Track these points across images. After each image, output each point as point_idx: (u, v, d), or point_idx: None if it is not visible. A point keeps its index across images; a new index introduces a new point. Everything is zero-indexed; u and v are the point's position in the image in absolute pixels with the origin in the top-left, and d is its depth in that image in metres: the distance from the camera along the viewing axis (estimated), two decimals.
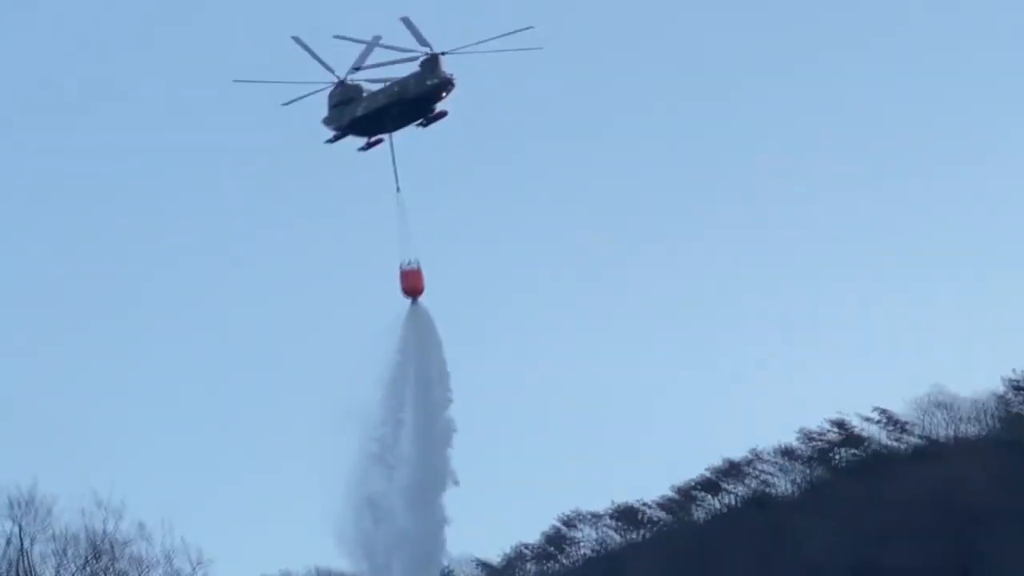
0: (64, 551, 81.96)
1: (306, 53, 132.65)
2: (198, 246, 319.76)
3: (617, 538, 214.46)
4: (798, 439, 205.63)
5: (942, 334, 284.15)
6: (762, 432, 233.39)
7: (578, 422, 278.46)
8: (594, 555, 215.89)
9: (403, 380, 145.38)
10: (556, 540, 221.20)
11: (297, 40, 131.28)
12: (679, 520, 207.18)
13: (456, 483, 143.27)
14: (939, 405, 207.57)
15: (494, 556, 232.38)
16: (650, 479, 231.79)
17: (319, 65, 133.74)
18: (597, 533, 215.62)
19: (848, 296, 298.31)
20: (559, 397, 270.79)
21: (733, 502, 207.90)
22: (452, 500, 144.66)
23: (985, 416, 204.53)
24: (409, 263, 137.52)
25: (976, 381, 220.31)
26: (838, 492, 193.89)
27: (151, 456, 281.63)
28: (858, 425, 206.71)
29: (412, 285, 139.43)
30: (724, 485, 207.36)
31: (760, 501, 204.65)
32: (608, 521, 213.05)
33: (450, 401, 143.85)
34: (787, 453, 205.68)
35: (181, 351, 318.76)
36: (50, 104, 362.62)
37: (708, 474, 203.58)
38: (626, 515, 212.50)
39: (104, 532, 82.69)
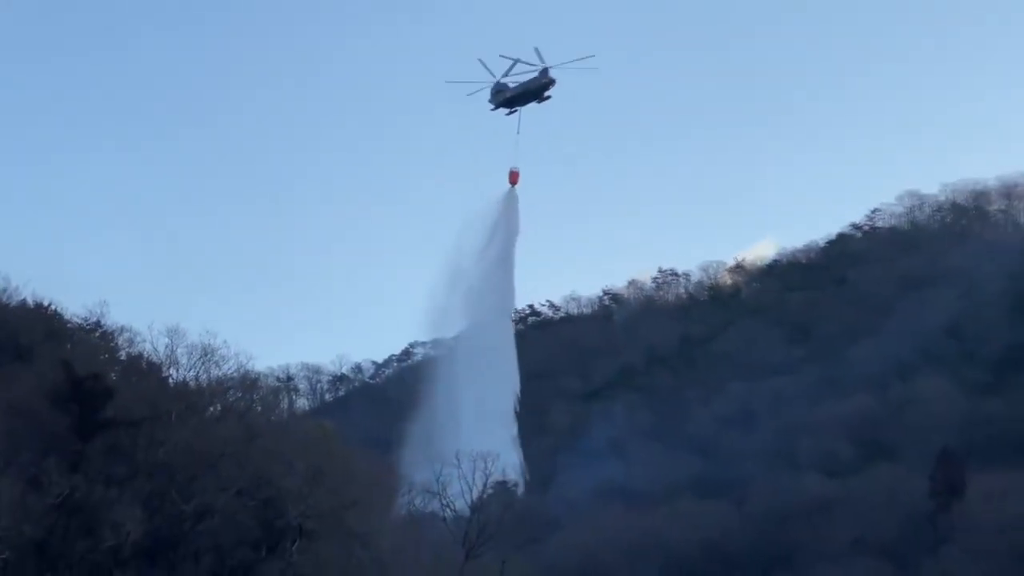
0: (190, 352, 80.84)
1: (481, 66, 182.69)
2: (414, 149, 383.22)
3: None
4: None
5: (581, 259, 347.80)
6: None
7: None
8: None
9: (503, 214, 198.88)
10: None
11: (481, 61, 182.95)
12: None
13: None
14: (573, 299, 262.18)
15: None
16: None
17: (488, 73, 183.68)
18: None
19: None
20: None
21: None
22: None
23: (596, 307, 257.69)
24: (514, 167, 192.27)
25: (591, 288, 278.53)
26: (528, 337, 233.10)
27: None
28: (539, 307, 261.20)
29: (513, 178, 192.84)
30: None
31: None
32: None
33: (519, 231, 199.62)
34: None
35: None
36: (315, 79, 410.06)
37: None
38: None
39: (207, 343, 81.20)
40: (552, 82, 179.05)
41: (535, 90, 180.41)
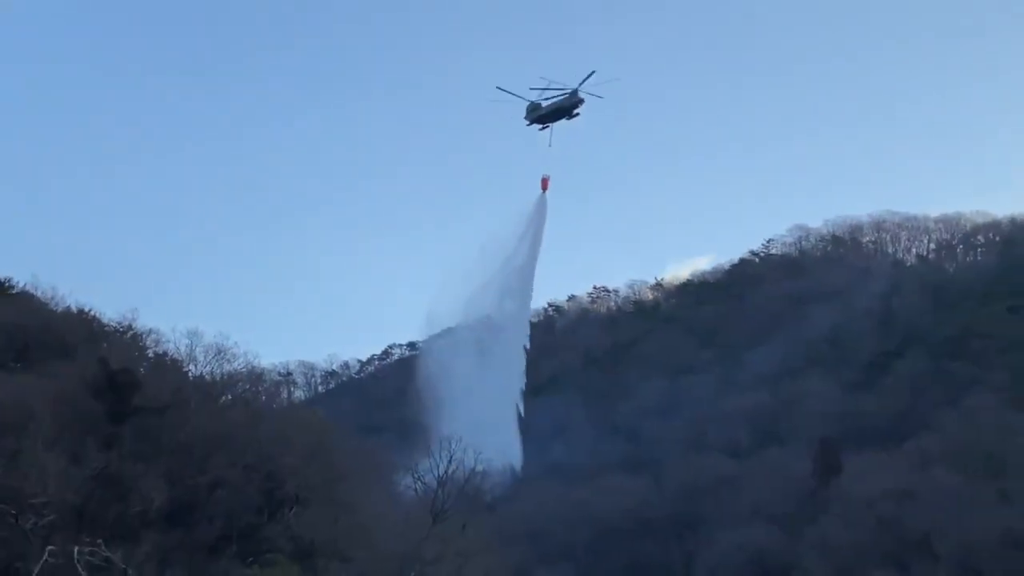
0: (206, 351, 79.52)
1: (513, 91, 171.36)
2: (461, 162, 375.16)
3: None
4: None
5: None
6: None
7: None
8: None
9: (534, 217, 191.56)
10: None
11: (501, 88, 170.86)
12: None
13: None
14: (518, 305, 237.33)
15: None
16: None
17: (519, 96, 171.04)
18: None
19: None
20: None
21: None
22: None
23: (542, 316, 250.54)
24: (545, 175, 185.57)
25: (537, 301, 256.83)
26: None
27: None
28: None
29: (544, 184, 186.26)
30: None
31: None
32: None
33: (545, 221, 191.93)
34: None
35: None
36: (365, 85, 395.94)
37: None
38: None
39: (221, 343, 79.35)
40: (581, 101, 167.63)
41: (566, 108, 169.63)
